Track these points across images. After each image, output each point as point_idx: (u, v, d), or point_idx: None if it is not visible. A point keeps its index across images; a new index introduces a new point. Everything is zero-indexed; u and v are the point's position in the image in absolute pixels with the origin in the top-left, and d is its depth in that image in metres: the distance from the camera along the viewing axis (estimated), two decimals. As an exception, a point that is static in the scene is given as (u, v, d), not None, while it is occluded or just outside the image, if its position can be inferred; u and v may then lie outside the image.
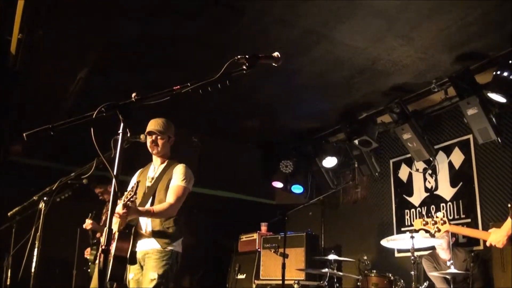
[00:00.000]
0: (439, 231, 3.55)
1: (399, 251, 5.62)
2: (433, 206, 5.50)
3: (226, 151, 7.07)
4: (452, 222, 4.09)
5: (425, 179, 5.69)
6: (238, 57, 1.86)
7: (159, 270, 3.04)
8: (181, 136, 3.61)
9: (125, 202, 2.85)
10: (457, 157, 5.34)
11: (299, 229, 6.14)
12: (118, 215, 2.81)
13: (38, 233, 2.86)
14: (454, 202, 5.27)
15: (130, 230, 3.07)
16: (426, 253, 4.80)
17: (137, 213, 3.02)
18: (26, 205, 3.29)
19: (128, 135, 1.77)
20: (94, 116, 1.75)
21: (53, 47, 4.36)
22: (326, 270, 4.78)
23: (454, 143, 5.40)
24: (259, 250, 6.47)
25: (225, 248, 7.20)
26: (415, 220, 3.75)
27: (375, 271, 4.88)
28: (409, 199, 5.85)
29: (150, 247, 3.13)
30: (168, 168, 3.32)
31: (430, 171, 5.64)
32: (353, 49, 4.48)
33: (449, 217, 5.15)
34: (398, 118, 5.44)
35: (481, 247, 4.72)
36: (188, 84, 1.83)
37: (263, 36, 4.30)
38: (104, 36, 4.31)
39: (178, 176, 3.23)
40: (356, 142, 5.83)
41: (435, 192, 5.53)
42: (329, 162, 6.44)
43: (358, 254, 5.55)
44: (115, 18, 4.06)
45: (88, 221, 4.79)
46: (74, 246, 5.24)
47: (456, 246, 4.66)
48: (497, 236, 3.20)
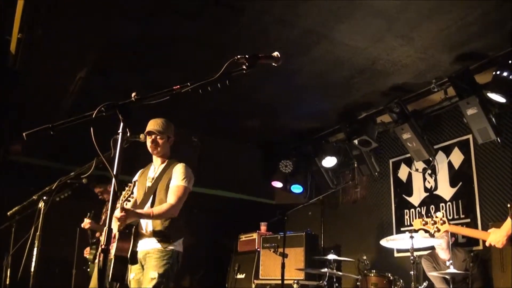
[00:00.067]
0: (438, 231, 3.56)
1: (399, 251, 5.63)
2: (432, 206, 5.50)
3: (226, 151, 7.07)
4: (452, 222, 4.09)
5: (424, 179, 5.69)
6: (238, 57, 1.85)
7: (159, 270, 3.03)
8: (181, 136, 3.61)
9: (123, 205, 2.86)
10: (457, 157, 5.34)
11: (298, 229, 6.14)
12: (117, 219, 2.81)
13: (38, 233, 2.86)
14: (454, 202, 5.27)
15: (130, 230, 3.08)
16: (425, 253, 4.80)
17: (136, 216, 3.02)
18: (26, 204, 3.28)
19: (128, 134, 1.77)
20: (94, 115, 1.75)
21: (53, 47, 4.37)
22: (326, 270, 4.78)
23: (454, 143, 5.40)
24: (258, 249, 6.47)
25: (224, 248, 7.20)
26: (415, 220, 3.75)
27: (374, 271, 4.87)
28: (409, 199, 5.85)
29: (151, 247, 3.13)
30: (168, 168, 3.31)
31: (429, 171, 5.64)
32: (353, 49, 4.48)
33: (448, 217, 5.15)
34: (398, 118, 5.44)
35: (480, 247, 4.72)
36: (188, 84, 1.83)
37: (263, 36, 4.30)
38: (104, 36, 4.31)
39: (178, 175, 3.23)
40: (355, 142, 5.83)
41: (434, 192, 5.53)
42: (329, 162, 6.44)
43: (357, 254, 5.56)
44: (115, 18, 4.07)
45: (87, 221, 4.79)
46: (73, 245, 5.23)
47: (455, 246, 4.66)
48: (497, 236, 3.20)
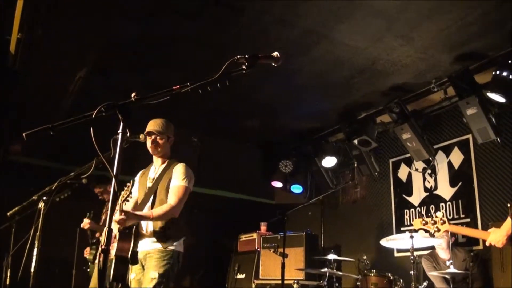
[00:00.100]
0: (438, 231, 3.55)
1: (399, 250, 5.63)
2: (432, 205, 5.50)
3: (225, 151, 7.07)
4: (452, 222, 4.10)
5: (424, 179, 5.69)
6: (238, 57, 1.85)
7: (159, 270, 3.02)
8: (181, 136, 3.61)
9: (122, 207, 2.85)
10: (457, 157, 5.34)
11: (298, 229, 6.14)
12: (116, 222, 2.81)
13: (38, 233, 2.85)
14: (454, 201, 5.27)
15: (130, 230, 3.08)
16: (425, 252, 4.80)
17: (136, 218, 3.02)
18: (26, 204, 3.28)
19: (128, 135, 1.77)
20: (93, 116, 1.75)
21: (53, 47, 4.37)
22: (326, 269, 4.77)
23: (454, 143, 5.40)
24: (258, 249, 6.47)
25: (224, 248, 7.20)
26: (415, 220, 3.75)
27: (374, 270, 4.87)
28: (409, 198, 5.85)
29: (152, 247, 3.12)
30: (168, 168, 3.31)
31: (429, 171, 5.64)
32: (353, 49, 4.48)
33: (448, 216, 5.15)
34: (398, 118, 5.44)
35: (480, 246, 4.72)
36: (188, 84, 1.83)
37: (263, 36, 4.30)
38: (104, 36, 4.31)
39: (178, 175, 3.22)
40: (355, 142, 5.83)
41: (434, 192, 5.53)
42: (329, 162, 6.44)
43: (357, 253, 5.55)
44: (115, 18, 4.06)
45: (86, 221, 4.78)
46: (73, 245, 5.23)
47: (455, 245, 4.66)
48: (497, 236, 3.20)
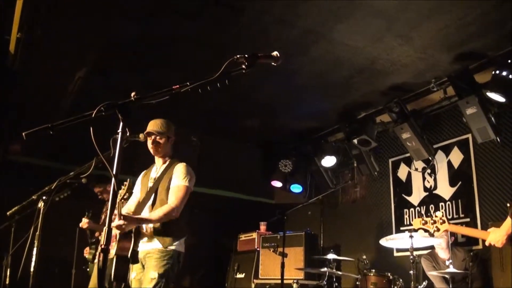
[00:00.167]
0: (438, 231, 3.56)
1: (398, 250, 5.63)
2: (432, 205, 5.50)
3: (225, 150, 7.07)
4: (451, 222, 4.09)
5: (424, 178, 5.70)
6: (237, 56, 1.85)
7: (159, 270, 3.01)
8: (181, 136, 3.61)
9: (120, 211, 2.85)
10: (456, 157, 5.35)
11: (298, 229, 6.14)
12: (117, 228, 2.81)
13: (37, 233, 2.85)
14: (453, 201, 5.27)
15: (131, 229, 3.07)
16: (425, 252, 4.80)
17: (137, 223, 3.01)
18: (25, 204, 3.27)
19: (127, 134, 1.77)
20: (93, 115, 1.74)
21: (52, 47, 4.37)
22: (325, 269, 4.78)
23: (453, 143, 5.41)
24: (258, 249, 6.48)
25: (224, 248, 7.20)
26: (414, 220, 3.76)
27: (374, 270, 4.87)
28: (408, 198, 5.85)
29: (152, 247, 3.10)
30: (169, 168, 3.30)
31: (429, 171, 5.64)
32: (353, 49, 4.48)
33: (448, 216, 5.15)
34: (397, 118, 5.44)
35: (480, 246, 4.72)
36: (187, 83, 1.83)
37: (263, 36, 4.30)
38: (104, 36, 4.31)
39: (178, 175, 3.21)
40: (355, 141, 5.83)
41: (434, 192, 5.54)
42: (328, 161, 6.45)
43: (357, 253, 5.55)
44: (115, 18, 4.07)
45: (85, 220, 4.77)
46: (73, 245, 5.22)
47: (455, 245, 4.66)
48: (496, 235, 3.21)
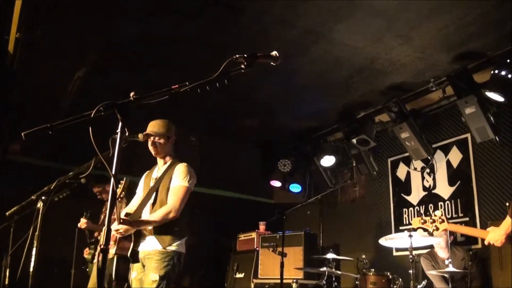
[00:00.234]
0: (437, 230, 3.56)
1: (397, 249, 5.63)
2: (431, 204, 5.51)
3: (224, 150, 7.07)
4: (450, 221, 4.09)
5: (423, 178, 5.70)
6: (237, 56, 1.85)
7: (160, 272, 2.97)
8: (180, 136, 3.61)
9: (119, 215, 2.85)
10: (455, 156, 5.35)
11: (297, 228, 6.14)
12: (117, 233, 2.80)
13: (37, 233, 2.84)
14: (452, 200, 5.28)
15: None
16: (424, 251, 4.80)
17: (137, 227, 3.01)
18: (24, 204, 3.26)
19: (127, 134, 1.77)
20: (92, 115, 1.74)
21: (52, 47, 4.36)
22: (325, 269, 4.78)
23: (452, 142, 5.41)
24: (257, 249, 6.47)
25: (223, 247, 7.20)
26: (413, 219, 3.76)
27: (373, 269, 4.87)
28: (407, 198, 5.86)
29: (152, 248, 3.07)
30: (170, 168, 3.30)
31: (428, 170, 5.65)
32: (352, 48, 4.48)
33: (447, 215, 5.15)
34: (396, 117, 5.45)
35: (479, 245, 4.73)
36: (187, 83, 1.83)
37: (263, 36, 4.31)
38: (104, 36, 4.31)
39: (179, 175, 3.20)
40: (354, 141, 5.83)
41: (433, 191, 5.54)
42: (327, 161, 6.45)
43: (356, 253, 5.56)
44: (115, 18, 4.06)
45: (83, 220, 4.77)
46: (72, 245, 5.21)
47: (454, 244, 4.67)
48: (496, 234, 3.20)
